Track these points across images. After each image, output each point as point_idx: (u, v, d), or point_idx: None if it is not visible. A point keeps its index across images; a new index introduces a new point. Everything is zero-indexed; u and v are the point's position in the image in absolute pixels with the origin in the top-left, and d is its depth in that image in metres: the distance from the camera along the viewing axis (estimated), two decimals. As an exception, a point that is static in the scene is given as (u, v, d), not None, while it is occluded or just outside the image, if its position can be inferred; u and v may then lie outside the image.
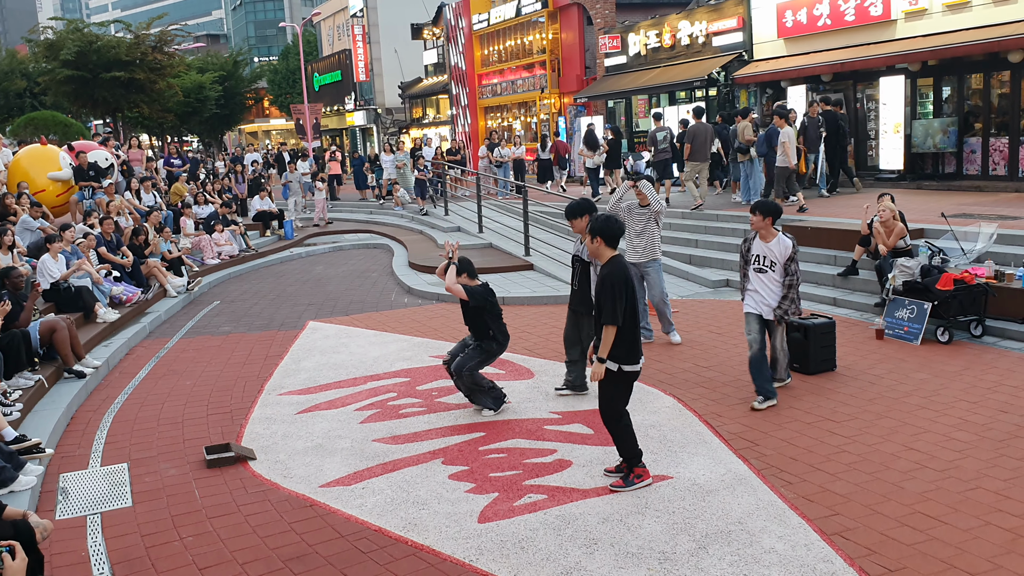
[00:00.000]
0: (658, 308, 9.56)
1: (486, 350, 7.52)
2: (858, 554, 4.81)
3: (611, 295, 5.54)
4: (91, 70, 32.43)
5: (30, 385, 8.08)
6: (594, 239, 5.76)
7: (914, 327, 9.12)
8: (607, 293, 5.56)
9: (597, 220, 5.83)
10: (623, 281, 5.57)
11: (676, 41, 23.08)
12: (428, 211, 22.26)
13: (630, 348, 5.66)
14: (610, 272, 5.62)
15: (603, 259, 5.75)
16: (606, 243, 5.72)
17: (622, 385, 5.77)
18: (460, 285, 7.36)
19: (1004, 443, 6.27)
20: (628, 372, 5.71)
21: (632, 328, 5.65)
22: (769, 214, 7.19)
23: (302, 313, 12.50)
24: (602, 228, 5.73)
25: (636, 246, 9.38)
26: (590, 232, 5.79)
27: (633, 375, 5.76)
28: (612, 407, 5.81)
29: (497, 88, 33.84)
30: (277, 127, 74.18)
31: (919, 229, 11.28)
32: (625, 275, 5.61)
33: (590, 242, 5.81)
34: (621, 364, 5.66)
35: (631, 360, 5.68)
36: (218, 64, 51.20)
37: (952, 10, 15.84)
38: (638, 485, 5.78)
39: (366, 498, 5.91)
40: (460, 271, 7.46)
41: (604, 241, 5.72)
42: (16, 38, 77.48)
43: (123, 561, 5.19)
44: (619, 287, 5.55)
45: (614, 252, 5.76)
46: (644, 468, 5.89)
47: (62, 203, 16.23)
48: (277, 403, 8.21)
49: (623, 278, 5.59)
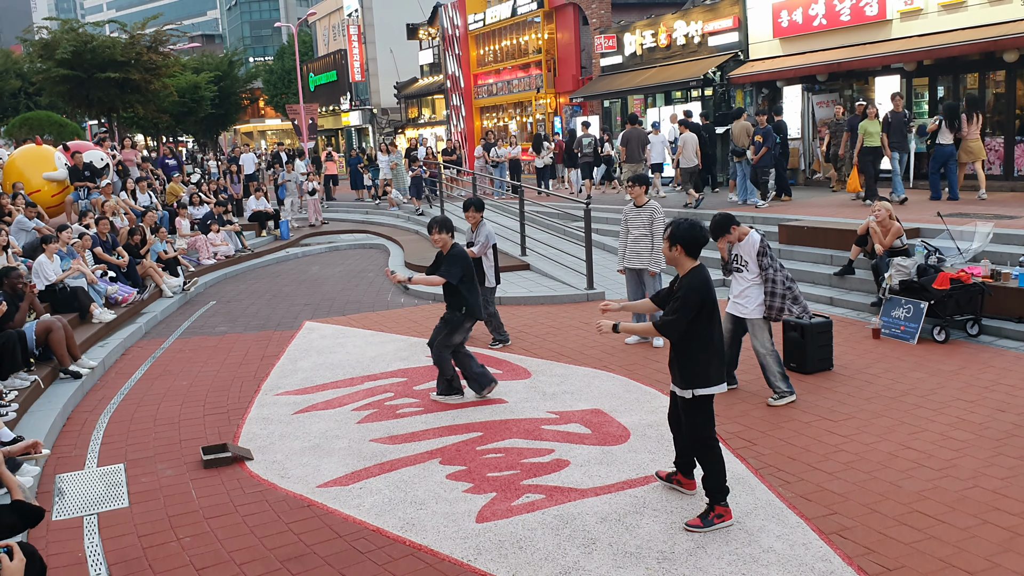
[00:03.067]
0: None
1: (452, 320, 7.82)
2: (856, 553, 4.81)
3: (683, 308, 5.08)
4: (86, 70, 32.33)
5: (26, 386, 8.05)
6: (673, 247, 5.21)
7: (911, 326, 9.13)
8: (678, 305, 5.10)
9: (680, 226, 5.24)
10: (700, 294, 5.09)
11: (672, 41, 23.09)
12: (424, 211, 22.25)
13: (712, 369, 5.19)
14: (689, 283, 5.11)
15: (684, 269, 5.22)
16: (687, 252, 5.20)
17: (706, 409, 5.28)
18: (432, 277, 7.86)
19: (1001, 442, 6.28)
20: (706, 396, 5.22)
21: (707, 348, 5.16)
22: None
23: (299, 313, 12.48)
24: (684, 234, 5.19)
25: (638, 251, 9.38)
26: (670, 239, 5.22)
27: (711, 398, 5.27)
28: (699, 434, 5.29)
29: (493, 88, 33.84)
30: (273, 127, 74.14)
31: (915, 228, 11.30)
32: (706, 287, 5.11)
33: (668, 250, 5.24)
34: (696, 388, 5.18)
35: (713, 382, 5.21)
36: (213, 64, 51.12)
37: (948, 10, 15.87)
38: (718, 526, 5.15)
39: (364, 498, 5.90)
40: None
41: (685, 250, 5.20)
42: (11, 38, 77.20)
43: (120, 562, 5.17)
44: (693, 301, 5.06)
45: (695, 262, 5.22)
46: (727, 508, 5.23)
47: (57, 203, 16.21)
48: (274, 403, 8.20)
49: (704, 290, 5.10)
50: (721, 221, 7.08)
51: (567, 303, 11.91)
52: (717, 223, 7.08)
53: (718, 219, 7.11)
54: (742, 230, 7.21)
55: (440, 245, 7.86)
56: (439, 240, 7.85)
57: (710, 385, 5.18)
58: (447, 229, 7.85)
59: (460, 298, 7.75)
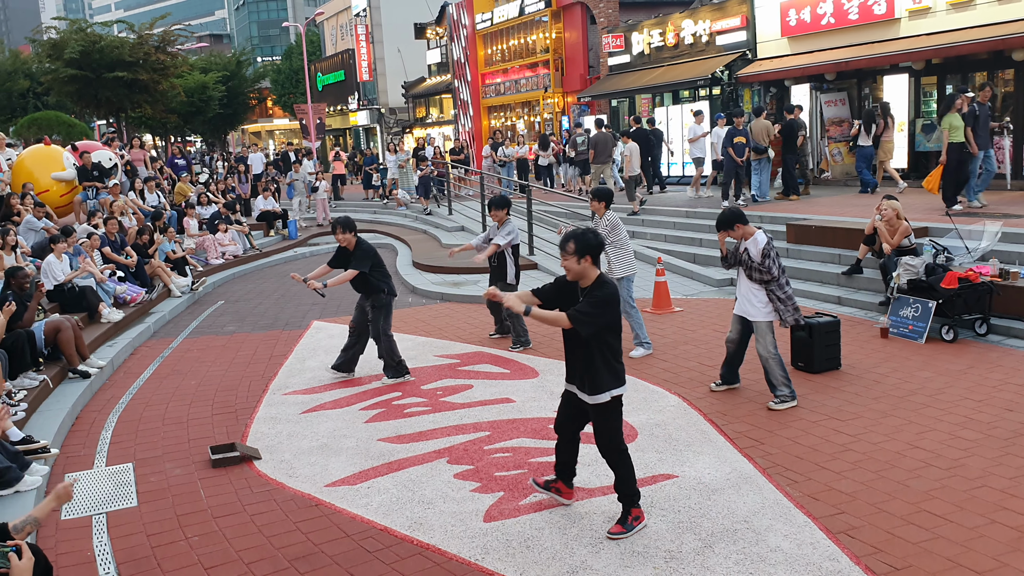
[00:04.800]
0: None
1: (380, 303, 8.51)
2: (864, 552, 4.80)
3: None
4: (94, 70, 32.46)
5: (35, 385, 8.09)
6: (582, 259, 5.04)
7: (919, 326, 9.10)
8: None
9: (585, 237, 5.08)
10: (616, 298, 5.08)
11: (680, 40, 23.06)
12: (432, 211, 22.27)
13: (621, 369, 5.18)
14: (604, 289, 5.06)
15: (590, 279, 5.12)
16: (595, 261, 5.11)
17: (619, 412, 5.25)
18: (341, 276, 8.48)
19: (1010, 441, 6.26)
20: (619, 396, 5.18)
21: (616, 353, 5.14)
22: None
23: (306, 313, 12.51)
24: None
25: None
26: (578, 252, 5.05)
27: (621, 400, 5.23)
28: (615, 440, 5.22)
29: (500, 87, 33.84)
30: (280, 127, 74.27)
31: (923, 228, 11.26)
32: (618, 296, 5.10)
33: (576, 264, 5.05)
34: (612, 389, 5.12)
35: (622, 380, 5.19)
36: (221, 64, 51.24)
37: (956, 8, 15.81)
38: (637, 528, 5.17)
39: (371, 497, 5.91)
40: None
41: (593, 259, 5.09)
42: (20, 38, 77.59)
43: (129, 561, 5.19)
44: (611, 303, 5.04)
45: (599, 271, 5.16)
46: (641, 510, 5.26)
47: (66, 203, 16.27)
48: (282, 403, 8.22)
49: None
50: (728, 216, 7.22)
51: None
52: (725, 217, 7.22)
53: (727, 213, 7.24)
54: (747, 230, 7.22)
55: (345, 243, 8.47)
56: (344, 239, 8.44)
57: (621, 384, 5.14)
58: (350, 229, 8.46)
59: (377, 283, 8.42)
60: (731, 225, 7.22)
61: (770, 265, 7.11)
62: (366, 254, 8.42)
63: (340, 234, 8.41)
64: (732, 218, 7.21)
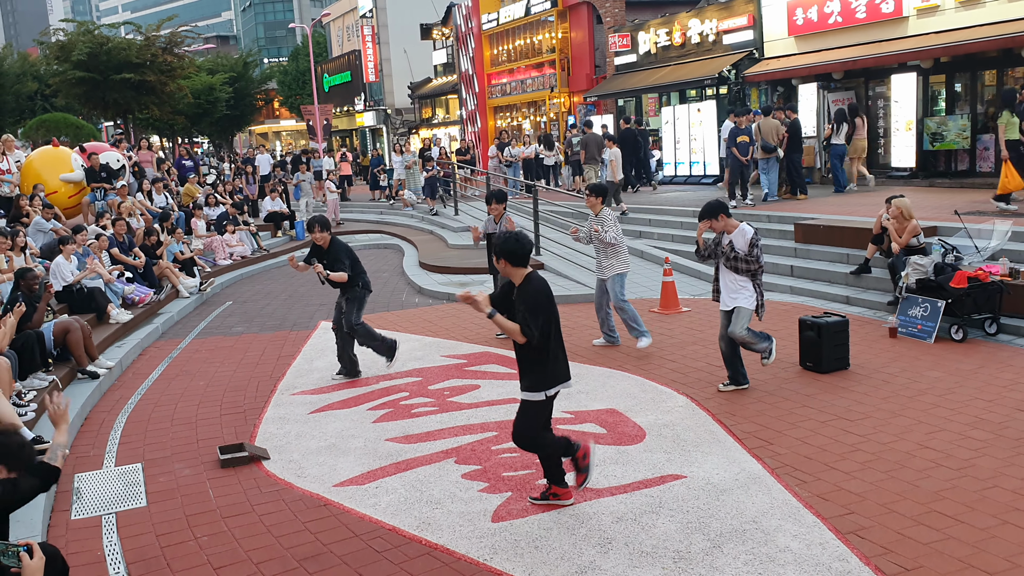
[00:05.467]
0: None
1: (356, 296, 8.71)
2: (874, 553, 4.78)
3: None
4: (102, 72, 32.58)
5: (44, 386, 8.11)
6: (498, 260, 5.30)
7: (928, 325, 9.07)
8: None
9: (506, 242, 5.28)
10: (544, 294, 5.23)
11: (686, 39, 23.03)
12: (438, 211, 22.28)
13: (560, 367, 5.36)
14: (530, 288, 5.21)
15: (518, 279, 5.28)
16: (514, 264, 5.27)
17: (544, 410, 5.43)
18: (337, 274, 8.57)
19: (1020, 441, 6.22)
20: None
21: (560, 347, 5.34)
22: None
23: (314, 313, 12.52)
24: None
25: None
26: (497, 255, 5.32)
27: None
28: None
29: (507, 87, 33.84)
30: (287, 128, 74.45)
31: (932, 227, 11.22)
32: (547, 290, 5.26)
33: (504, 268, 5.29)
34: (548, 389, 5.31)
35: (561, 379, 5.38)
36: (228, 65, 51.40)
37: (965, 6, 15.76)
38: (552, 502, 5.52)
39: (380, 497, 5.91)
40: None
41: (510, 262, 5.27)
42: (28, 41, 77.91)
43: (138, 561, 5.21)
44: (541, 302, 5.18)
45: (527, 270, 5.29)
46: (567, 490, 5.56)
47: (74, 204, 16.31)
48: (290, 403, 8.23)
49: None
50: (715, 205, 7.43)
51: (581, 302, 11.88)
52: (711, 206, 7.42)
53: (713, 203, 7.48)
54: (730, 222, 7.41)
55: (321, 242, 8.64)
56: (320, 238, 8.61)
57: (560, 382, 5.35)
58: (326, 228, 8.64)
59: (354, 277, 8.58)
60: (716, 215, 7.38)
61: (758, 255, 7.32)
62: (341, 251, 8.65)
63: (318, 232, 8.60)
64: (718, 207, 7.40)
